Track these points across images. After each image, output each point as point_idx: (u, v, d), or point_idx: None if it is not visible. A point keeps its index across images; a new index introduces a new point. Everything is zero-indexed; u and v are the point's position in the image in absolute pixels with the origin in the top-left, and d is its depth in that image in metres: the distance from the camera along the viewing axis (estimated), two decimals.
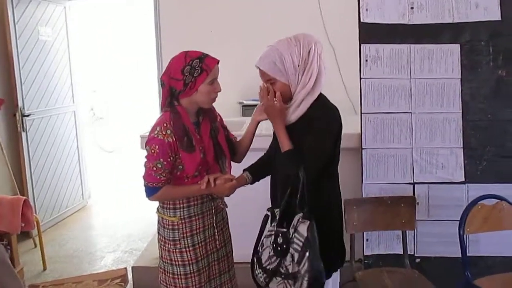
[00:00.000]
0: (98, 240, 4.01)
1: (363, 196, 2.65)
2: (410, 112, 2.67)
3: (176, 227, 1.86)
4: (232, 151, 1.97)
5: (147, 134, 2.73)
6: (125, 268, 3.36)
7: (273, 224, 1.73)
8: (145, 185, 1.82)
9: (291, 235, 1.64)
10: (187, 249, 1.86)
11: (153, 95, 5.22)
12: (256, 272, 1.75)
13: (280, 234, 1.67)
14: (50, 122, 4.20)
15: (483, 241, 2.57)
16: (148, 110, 6.27)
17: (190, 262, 1.86)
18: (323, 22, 4.15)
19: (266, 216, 1.79)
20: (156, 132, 1.74)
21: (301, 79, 1.71)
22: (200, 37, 4.21)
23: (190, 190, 1.83)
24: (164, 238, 1.90)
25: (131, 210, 4.70)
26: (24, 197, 3.11)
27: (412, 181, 2.65)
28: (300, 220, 1.63)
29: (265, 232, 1.75)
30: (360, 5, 2.71)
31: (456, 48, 2.68)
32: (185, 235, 1.86)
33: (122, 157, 6.82)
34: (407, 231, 2.43)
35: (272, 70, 1.72)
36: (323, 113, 1.72)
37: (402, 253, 2.52)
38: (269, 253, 1.70)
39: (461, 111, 2.65)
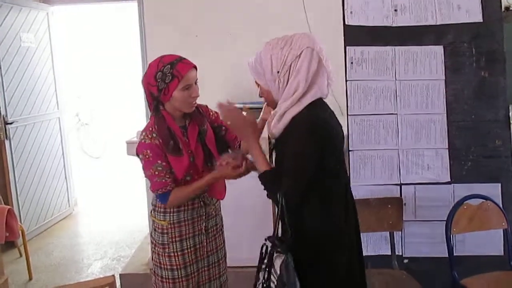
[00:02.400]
0: (85, 247, 3.96)
1: None
2: (396, 114, 2.69)
3: (166, 231, 1.87)
4: (226, 149, 1.94)
5: (133, 139, 2.71)
6: (113, 276, 3.28)
7: (267, 256, 1.53)
8: (156, 195, 1.83)
9: (270, 271, 1.47)
10: (176, 254, 1.87)
11: (139, 101, 5.19)
12: None
13: (266, 270, 1.50)
14: (34, 129, 4.15)
15: (469, 241, 2.58)
16: (133, 115, 6.23)
17: (179, 267, 1.87)
18: (307, 23, 4.16)
19: (265, 247, 1.54)
20: (142, 137, 1.76)
21: (285, 87, 1.51)
22: (187, 42, 4.20)
23: (198, 185, 1.79)
24: (155, 241, 1.91)
25: (118, 217, 4.65)
26: (8, 207, 3.06)
27: (399, 182, 2.67)
28: (275, 254, 1.46)
29: (261, 265, 1.54)
30: (345, 8, 2.72)
31: (439, 49, 2.70)
32: (174, 239, 1.86)
33: (108, 163, 6.75)
34: (394, 232, 2.44)
35: (253, 71, 1.59)
36: (301, 127, 1.47)
37: (389, 254, 2.55)
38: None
39: (445, 112, 2.67)
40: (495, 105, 2.67)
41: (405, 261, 2.62)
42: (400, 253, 2.64)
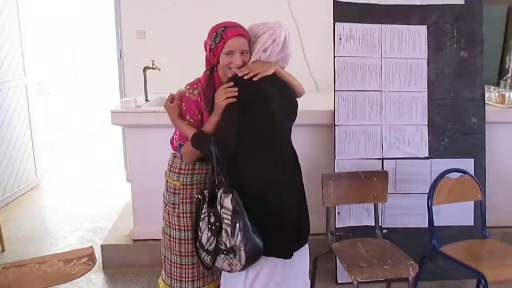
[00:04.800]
0: (57, 219, 3.86)
1: (335, 171, 2.74)
2: (381, 91, 2.77)
3: (177, 191, 1.93)
4: None
5: (117, 108, 2.71)
6: (92, 247, 3.30)
7: (204, 206, 1.76)
8: (177, 145, 1.90)
9: (219, 212, 1.68)
10: (184, 215, 1.93)
11: (109, 72, 5.05)
12: (202, 255, 1.79)
13: (211, 214, 1.71)
14: (0, 95, 3.93)
15: (443, 213, 2.75)
16: (104, 87, 6.06)
17: (186, 228, 1.93)
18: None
19: (198, 199, 1.81)
20: (185, 89, 1.84)
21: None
22: (162, 10, 4.11)
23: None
24: (166, 200, 1.98)
25: (87, 188, 4.55)
26: None
27: (381, 157, 2.78)
28: (222, 195, 1.68)
29: (200, 216, 1.78)
30: None
31: (423, 29, 2.80)
32: (184, 200, 1.93)
33: (72, 134, 6.54)
34: (377, 204, 2.55)
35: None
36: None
37: (370, 225, 2.68)
38: (207, 234, 1.74)
39: (426, 90, 2.80)
40: (472, 85, 2.82)
41: (384, 231, 2.76)
42: (380, 224, 2.77)
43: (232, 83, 1.71)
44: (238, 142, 1.72)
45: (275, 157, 1.78)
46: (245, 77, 1.71)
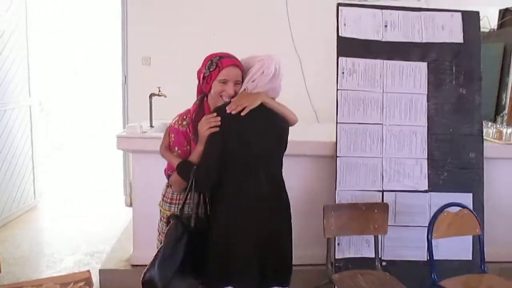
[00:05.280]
0: (54, 241, 3.84)
1: (336, 202, 2.77)
2: (381, 124, 2.84)
3: (169, 221, 1.91)
4: None
5: (123, 133, 2.76)
6: (89, 271, 3.26)
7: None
8: (167, 174, 1.95)
9: None
10: None
11: (112, 94, 5.11)
12: None
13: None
14: (5, 116, 3.97)
15: (442, 246, 2.76)
16: (106, 110, 6.10)
17: None
18: (290, 32, 4.27)
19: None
20: (174, 121, 1.89)
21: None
22: (168, 37, 4.20)
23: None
24: (160, 230, 2.00)
25: (87, 210, 4.54)
26: None
27: (381, 189, 2.82)
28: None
29: None
30: (339, 20, 2.85)
31: (423, 66, 2.89)
32: None
33: (71, 155, 6.56)
34: (377, 236, 2.58)
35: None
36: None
37: (370, 256, 2.70)
38: None
39: (426, 125, 2.86)
40: (470, 121, 2.89)
41: (384, 263, 2.77)
42: (380, 256, 2.79)
43: (215, 114, 1.76)
44: (220, 171, 1.77)
45: (245, 190, 1.81)
46: (232, 112, 1.75)
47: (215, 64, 1.80)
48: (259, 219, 1.82)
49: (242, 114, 1.75)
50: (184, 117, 1.88)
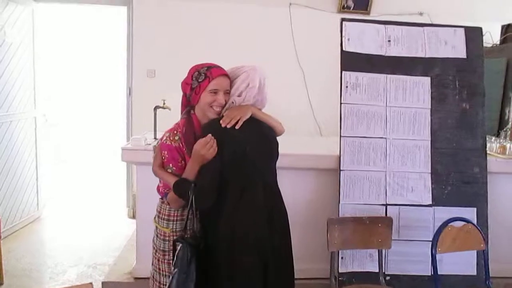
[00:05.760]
0: (57, 253, 3.83)
1: (339, 215, 2.77)
2: (385, 138, 2.85)
3: (167, 238, 1.92)
4: None
5: (128, 145, 2.78)
6: (91, 283, 3.24)
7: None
8: (163, 192, 1.90)
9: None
10: None
11: (117, 106, 5.14)
12: None
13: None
14: (10, 128, 4.00)
15: (446, 261, 2.76)
16: (111, 122, 6.12)
17: None
18: (294, 46, 4.32)
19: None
20: (165, 138, 1.85)
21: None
22: (173, 50, 4.24)
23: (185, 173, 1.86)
24: (156, 247, 1.96)
25: (90, 222, 4.54)
26: None
27: (385, 203, 2.82)
28: (176, 242, 1.77)
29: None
30: (343, 35, 2.88)
31: (427, 80, 2.91)
32: None
33: (76, 166, 6.57)
34: (381, 250, 2.57)
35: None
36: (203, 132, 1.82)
37: (373, 271, 2.69)
38: None
39: (430, 139, 2.87)
40: (474, 135, 2.90)
41: (387, 278, 2.76)
42: (383, 270, 2.78)
43: (210, 135, 1.76)
44: (220, 185, 1.77)
45: (244, 203, 1.82)
46: (228, 126, 1.77)
47: (204, 75, 1.82)
48: (260, 232, 1.82)
49: (237, 126, 1.78)
50: (175, 132, 1.85)
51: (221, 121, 1.79)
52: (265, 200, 1.85)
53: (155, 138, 3.23)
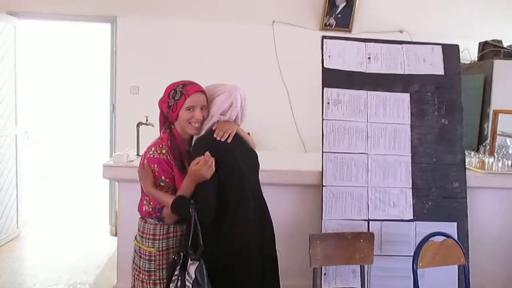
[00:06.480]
0: (36, 272, 3.74)
1: (322, 231, 2.77)
2: (366, 153, 2.88)
3: (153, 258, 1.89)
4: None
5: (109, 162, 2.75)
6: None
7: (177, 268, 1.78)
8: (157, 209, 1.89)
9: (185, 277, 1.72)
10: (161, 281, 1.89)
11: (103, 121, 5.10)
12: None
13: (179, 278, 1.74)
14: None
15: (427, 276, 2.77)
16: (93, 139, 6.07)
17: None
18: (278, 63, 4.36)
19: (173, 260, 1.82)
20: (151, 152, 1.86)
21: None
22: (157, 67, 4.25)
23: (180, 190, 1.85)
24: (139, 268, 1.92)
25: (69, 240, 4.46)
26: None
27: (367, 218, 2.83)
28: (189, 262, 1.72)
29: (172, 277, 1.79)
30: (324, 52, 2.92)
31: (406, 97, 2.96)
32: (161, 266, 1.89)
33: (59, 183, 6.48)
34: (363, 266, 2.57)
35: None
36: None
37: (356, 287, 2.68)
38: None
39: (410, 154, 2.91)
40: (453, 150, 2.94)
41: None
42: (366, 286, 2.78)
43: (208, 153, 1.75)
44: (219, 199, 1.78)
45: (241, 215, 1.84)
46: (222, 139, 1.82)
47: (180, 93, 1.85)
48: (259, 238, 1.89)
49: (229, 140, 1.84)
50: (160, 145, 1.87)
51: (215, 134, 1.83)
52: (255, 211, 1.90)
53: (137, 154, 3.21)
